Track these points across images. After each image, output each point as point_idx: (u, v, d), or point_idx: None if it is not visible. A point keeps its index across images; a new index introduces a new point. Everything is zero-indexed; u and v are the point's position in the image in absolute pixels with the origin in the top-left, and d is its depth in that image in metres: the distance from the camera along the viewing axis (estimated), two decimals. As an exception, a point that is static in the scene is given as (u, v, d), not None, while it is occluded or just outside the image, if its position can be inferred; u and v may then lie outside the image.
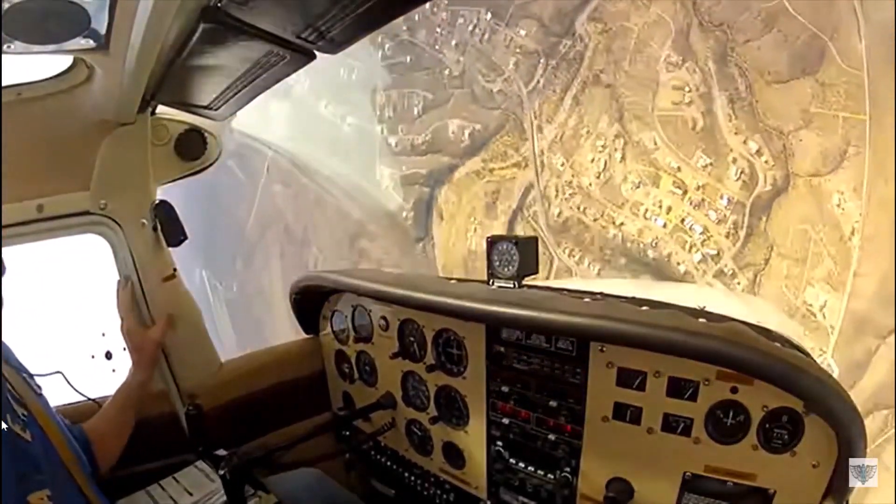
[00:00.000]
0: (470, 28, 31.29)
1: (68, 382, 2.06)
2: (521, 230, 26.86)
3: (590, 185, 25.00)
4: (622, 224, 23.86)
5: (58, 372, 2.01)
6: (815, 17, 21.06)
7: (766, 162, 20.68)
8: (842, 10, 20.55)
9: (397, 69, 34.77)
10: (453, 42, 32.18)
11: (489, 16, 30.44)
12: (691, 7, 23.84)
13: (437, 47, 32.76)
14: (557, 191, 26.11)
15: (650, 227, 23.15)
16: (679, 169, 22.66)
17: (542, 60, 27.85)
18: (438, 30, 32.60)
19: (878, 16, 19.55)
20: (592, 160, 24.99)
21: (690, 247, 22.17)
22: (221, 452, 2.24)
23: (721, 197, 21.48)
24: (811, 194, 19.72)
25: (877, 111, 18.70)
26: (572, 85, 26.73)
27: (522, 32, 29.19)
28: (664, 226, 22.65)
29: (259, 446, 1.83)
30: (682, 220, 22.31)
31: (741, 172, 21.08)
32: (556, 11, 27.74)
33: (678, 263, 22.34)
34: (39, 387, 1.64)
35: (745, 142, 21.32)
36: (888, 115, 17.98)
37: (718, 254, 21.41)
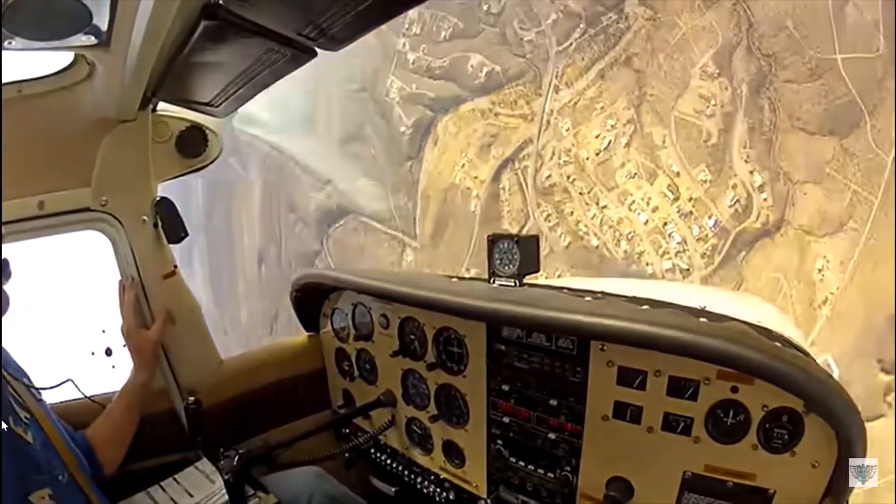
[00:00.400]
0: None
1: (78, 389, 2.07)
2: (506, 180, 26.71)
3: (587, 158, 24.83)
4: (605, 207, 23.75)
5: (68, 380, 2.03)
6: (863, 86, 20.99)
7: (765, 199, 20.56)
8: (888, 91, 20.34)
9: None
10: None
11: None
12: (746, 28, 23.68)
13: None
14: (554, 154, 25.90)
15: (631, 219, 23.00)
16: (678, 174, 22.55)
17: (581, 25, 27.25)
18: None
19: None
20: (598, 136, 24.76)
21: (664, 253, 22.13)
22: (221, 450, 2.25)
23: (710, 217, 21.41)
24: (797, 248, 19.67)
25: (887, 200, 18.48)
26: (603, 59, 26.29)
27: None
28: (645, 223, 22.54)
29: (260, 443, 1.82)
30: (664, 224, 22.19)
31: (737, 200, 20.96)
32: None
33: (647, 264, 22.36)
34: (39, 392, 1.64)
35: (751, 172, 21.21)
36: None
37: (689, 269, 21.34)
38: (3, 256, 1.34)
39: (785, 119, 21.59)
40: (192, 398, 1.86)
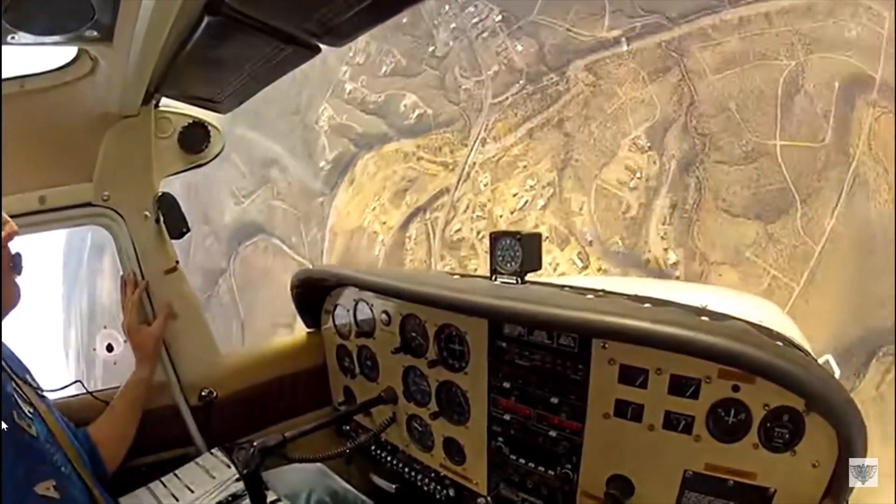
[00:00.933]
0: (475, 20, 30.94)
1: (87, 390, 2.09)
2: (414, 229, 26.91)
3: (500, 216, 25.09)
4: (508, 267, 24.02)
5: (77, 381, 2.06)
6: (800, 174, 21.54)
7: (676, 277, 20.67)
8: (828, 180, 21.06)
9: (389, 23, 34.36)
10: (452, 25, 31.77)
11: (499, 17, 30.33)
12: (687, 105, 24.12)
13: (435, 22, 32.35)
14: (468, 207, 26.18)
15: (536, 282, 23.25)
16: (591, 243, 22.76)
17: (521, 81, 27.81)
18: (447, 7, 32.19)
19: (860, 207, 20.00)
20: (515, 195, 25.03)
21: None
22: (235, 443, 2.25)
23: (617, 290, 21.61)
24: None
25: (809, 288, 19.10)
26: (536, 118, 26.71)
27: (519, 48, 29.02)
28: (550, 288, 22.69)
29: (274, 436, 1.83)
30: (569, 293, 22.37)
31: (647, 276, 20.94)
32: (560, 45, 27.80)
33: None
34: (41, 388, 1.65)
35: (666, 249, 21.43)
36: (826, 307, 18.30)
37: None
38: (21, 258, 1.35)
39: (710, 199, 22.01)
40: (205, 391, 1.87)
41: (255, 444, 1.72)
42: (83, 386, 2.09)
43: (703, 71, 24.70)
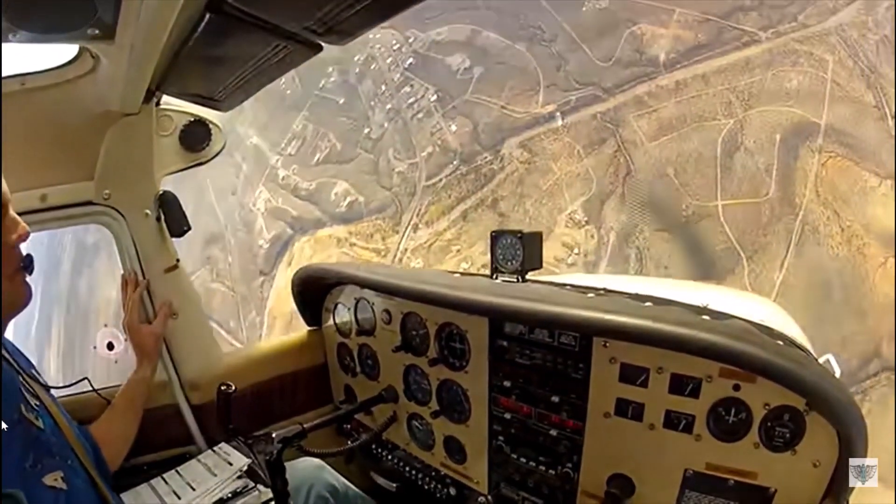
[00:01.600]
0: (410, 100, 31.48)
1: (93, 388, 2.08)
2: None
3: None
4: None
5: (84, 378, 2.06)
6: (744, 231, 21.91)
7: None
8: (775, 234, 21.45)
9: (327, 105, 34.84)
10: (388, 106, 32.35)
11: (434, 97, 30.75)
12: (623, 176, 24.38)
13: (371, 103, 33.02)
14: None
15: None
16: None
17: (455, 162, 28.04)
18: (384, 87, 32.87)
19: (811, 255, 20.27)
20: None
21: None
22: (222, 445, 2.25)
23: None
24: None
25: None
26: (469, 198, 26.88)
27: (453, 128, 29.31)
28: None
29: (293, 427, 1.84)
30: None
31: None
32: (494, 124, 28.14)
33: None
34: (46, 381, 1.66)
35: None
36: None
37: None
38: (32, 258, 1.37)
39: (652, 269, 22.38)
40: (224, 385, 1.88)
41: (274, 434, 1.74)
42: (89, 383, 2.09)
43: (639, 140, 25.15)
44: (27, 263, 1.34)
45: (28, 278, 1.37)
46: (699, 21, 26.54)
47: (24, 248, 1.37)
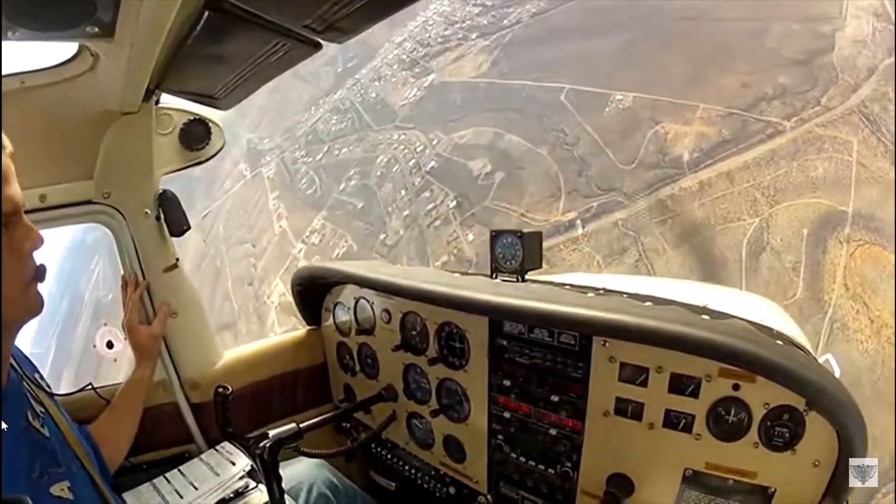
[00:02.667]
0: (429, 206, 31.73)
1: (98, 395, 2.09)
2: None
3: None
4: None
5: (89, 384, 2.07)
6: None
7: None
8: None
9: (344, 208, 35.70)
10: (405, 212, 32.74)
11: (454, 203, 30.98)
12: None
13: (389, 209, 33.52)
14: None
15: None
16: None
17: (470, 273, 28.45)
18: (403, 192, 33.31)
19: (840, 353, 19.35)
20: None
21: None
22: (224, 444, 2.25)
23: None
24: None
25: None
26: None
27: (470, 237, 29.38)
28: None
29: (289, 427, 1.84)
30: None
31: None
32: None
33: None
34: (49, 386, 1.65)
35: None
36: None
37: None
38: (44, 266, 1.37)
39: None
40: (221, 387, 1.88)
41: (271, 434, 1.74)
42: (94, 390, 2.09)
43: (661, 247, 24.94)
44: (40, 273, 1.34)
45: (40, 287, 1.37)
46: (722, 116, 26.52)
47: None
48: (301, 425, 1.87)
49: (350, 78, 51.76)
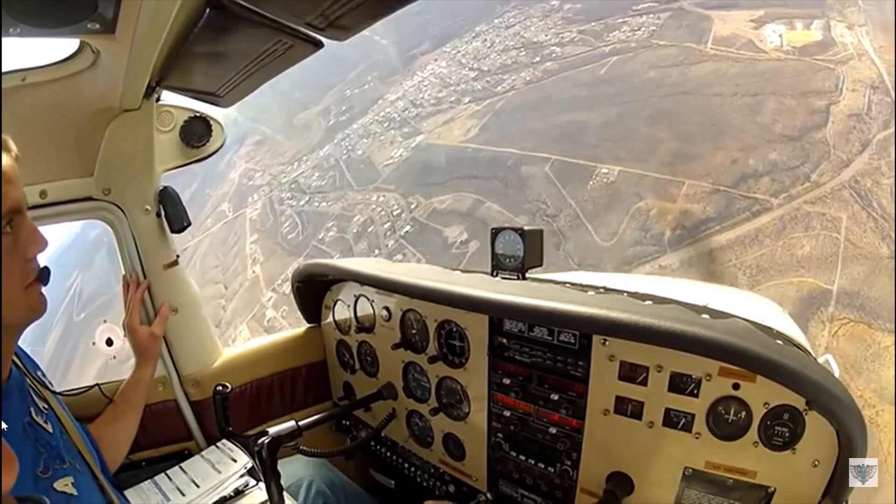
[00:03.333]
0: None
1: (103, 394, 2.09)
2: None
3: None
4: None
5: (95, 384, 2.08)
6: None
7: None
8: None
9: (322, 257, 35.10)
10: None
11: None
12: None
13: None
14: None
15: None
16: None
17: None
18: (377, 251, 32.89)
19: None
20: None
21: None
22: (225, 441, 2.25)
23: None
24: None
25: None
26: None
27: None
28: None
29: (288, 424, 1.85)
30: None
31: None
32: None
33: None
34: (52, 383, 1.66)
35: None
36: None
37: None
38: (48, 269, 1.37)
39: None
40: (220, 385, 1.89)
41: (270, 431, 1.74)
42: (100, 390, 2.09)
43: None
44: (43, 275, 1.35)
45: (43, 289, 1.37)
46: (708, 192, 26.25)
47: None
48: (300, 423, 1.87)
49: (340, 132, 52.13)
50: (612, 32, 42.16)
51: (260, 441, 1.71)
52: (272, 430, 1.77)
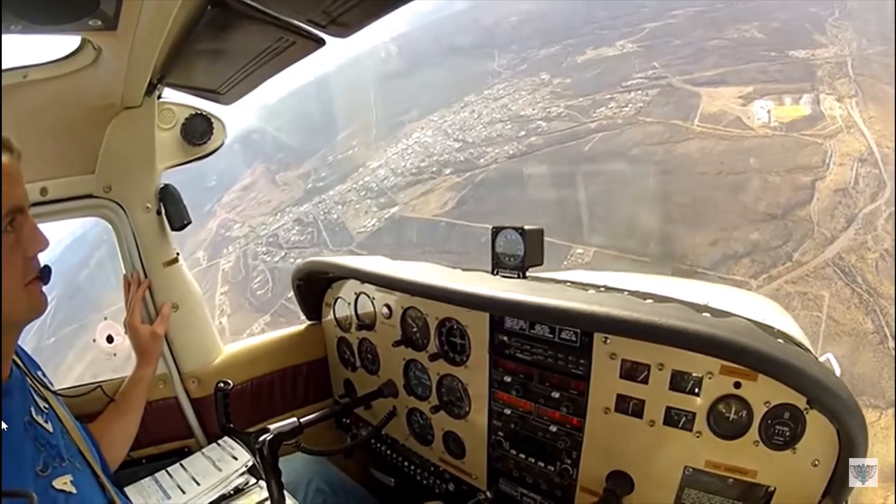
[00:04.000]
0: None
1: (105, 393, 2.09)
2: None
3: None
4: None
5: (98, 386, 2.08)
6: None
7: None
8: None
9: (289, 317, 34.47)
10: None
11: None
12: None
13: None
14: None
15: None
16: None
17: None
18: None
19: None
20: None
21: None
22: (226, 438, 2.25)
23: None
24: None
25: None
26: None
27: None
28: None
29: (290, 422, 1.85)
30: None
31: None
32: None
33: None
34: (52, 383, 1.66)
35: None
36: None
37: None
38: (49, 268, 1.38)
39: None
40: (222, 382, 1.89)
41: (271, 428, 1.75)
42: (103, 391, 2.09)
43: None
44: (44, 274, 1.35)
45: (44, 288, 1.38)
46: (685, 275, 25.96)
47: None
48: (301, 420, 1.87)
49: (317, 196, 52.46)
50: (599, 108, 42.75)
51: (261, 438, 1.72)
52: (274, 427, 1.77)
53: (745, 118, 34.58)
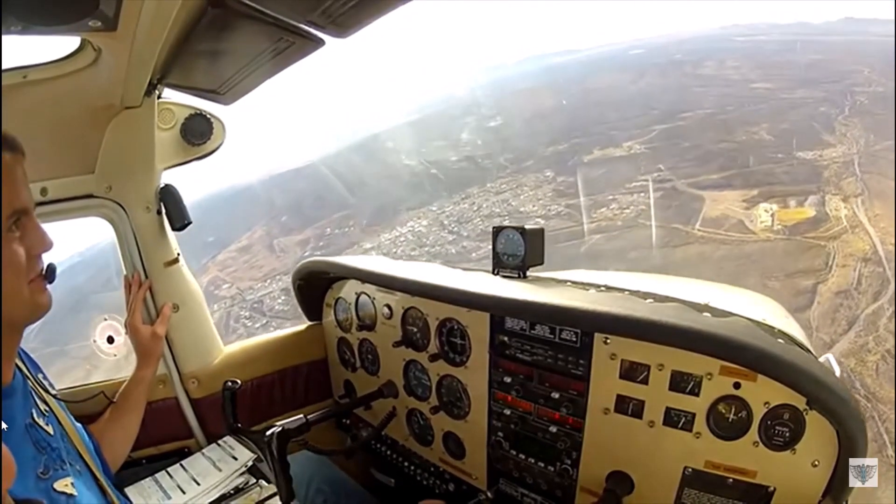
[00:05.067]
0: None
1: (105, 395, 2.09)
2: None
3: None
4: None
5: (100, 392, 2.09)
6: None
7: None
8: None
9: None
10: None
11: None
12: None
13: None
14: None
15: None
16: None
17: None
18: None
19: None
20: None
21: None
22: (227, 438, 2.25)
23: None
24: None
25: None
26: None
27: None
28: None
29: (297, 419, 1.86)
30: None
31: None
32: None
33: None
34: (52, 385, 1.66)
35: None
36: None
37: None
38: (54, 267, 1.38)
39: None
40: (231, 381, 1.90)
41: (277, 424, 1.76)
42: (105, 396, 2.09)
43: None
44: (48, 272, 1.36)
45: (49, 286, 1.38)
46: None
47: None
48: (308, 417, 1.88)
49: None
50: (600, 209, 42.46)
51: (270, 432, 1.73)
52: (282, 422, 1.78)
53: (747, 221, 34.47)
